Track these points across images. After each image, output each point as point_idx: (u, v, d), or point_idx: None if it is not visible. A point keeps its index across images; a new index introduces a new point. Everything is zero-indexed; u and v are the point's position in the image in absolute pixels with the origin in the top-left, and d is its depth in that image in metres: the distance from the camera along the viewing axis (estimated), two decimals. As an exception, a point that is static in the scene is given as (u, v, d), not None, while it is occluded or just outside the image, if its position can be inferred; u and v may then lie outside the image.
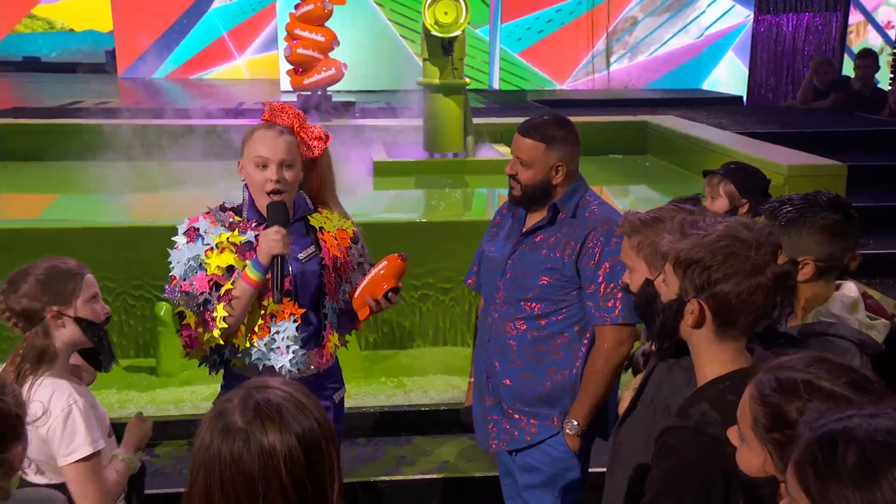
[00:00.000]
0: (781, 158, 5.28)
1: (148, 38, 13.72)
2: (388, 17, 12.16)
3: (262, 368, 2.48)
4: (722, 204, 3.11)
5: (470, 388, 3.03)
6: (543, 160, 2.64)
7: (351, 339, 4.42)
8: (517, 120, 2.86)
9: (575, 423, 2.66)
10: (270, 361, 2.48)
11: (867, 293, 2.34)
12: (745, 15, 12.39)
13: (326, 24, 7.88)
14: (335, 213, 2.70)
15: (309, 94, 8.06)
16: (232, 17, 13.90)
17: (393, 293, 2.53)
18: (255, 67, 13.90)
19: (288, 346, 2.47)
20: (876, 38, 9.98)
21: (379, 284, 2.52)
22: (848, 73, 9.18)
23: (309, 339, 2.56)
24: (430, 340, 4.75)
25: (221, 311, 2.38)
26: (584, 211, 2.67)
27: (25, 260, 2.31)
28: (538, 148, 2.64)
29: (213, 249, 2.44)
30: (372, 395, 4.24)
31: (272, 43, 12.94)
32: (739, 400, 1.49)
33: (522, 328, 2.71)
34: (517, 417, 2.76)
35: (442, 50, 6.12)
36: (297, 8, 7.88)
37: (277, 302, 2.44)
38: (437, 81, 6.22)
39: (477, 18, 11.48)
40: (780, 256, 1.74)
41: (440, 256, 4.57)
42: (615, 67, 12.88)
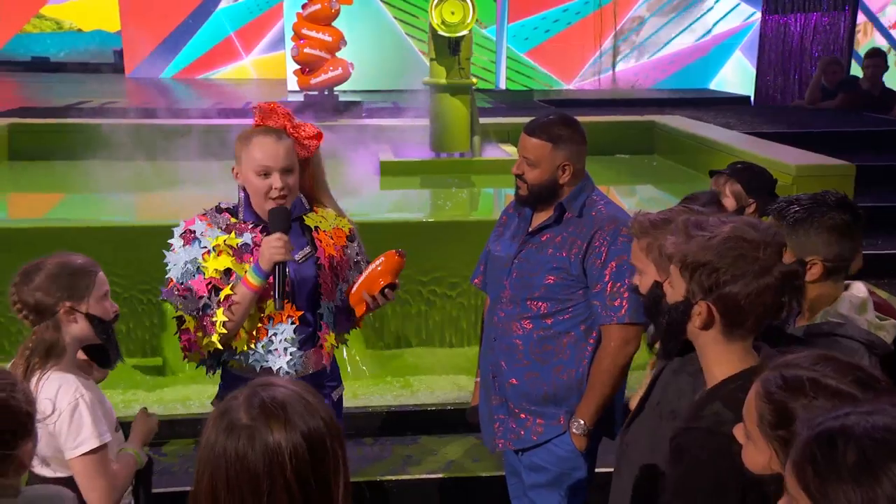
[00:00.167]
0: (789, 158, 5.26)
1: (155, 38, 13.75)
2: (394, 16, 12.17)
3: (259, 370, 2.47)
4: (729, 204, 3.11)
5: (476, 387, 3.03)
6: (550, 160, 2.63)
7: (356, 338, 4.50)
8: (524, 120, 2.85)
9: (581, 422, 2.66)
10: (268, 363, 2.47)
11: (876, 293, 2.33)
12: (750, 13, 12.34)
13: (333, 23, 7.89)
14: (330, 210, 2.68)
15: (316, 93, 8.07)
16: (239, 16, 13.92)
17: (390, 289, 2.50)
18: (262, 67, 13.92)
19: (286, 347, 2.46)
20: (881, 38, 9.92)
21: (376, 281, 2.50)
22: (854, 73, 9.14)
23: (306, 339, 2.55)
24: (436, 340, 4.74)
25: (221, 315, 2.38)
26: (590, 210, 2.67)
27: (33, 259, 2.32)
28: (545, 147, 2.63)
29: (210, 252, 2.42)
30: (378, 394, 4.24)
31: (279, 43, 12.94)
32: None
33: (528, 327, 2.71)
34: (523, 417, 2.75)
35: (449, 50, 6.12)
36: (304, 8, 7.89)
37: (279, 308, 2.43)
38: (443, 81, 6.22)
39: (483, 18, 11.47)
40: (785, 255, 1.73)
41: (446, 256, 4.56)
42: (622, 67, 12.86)
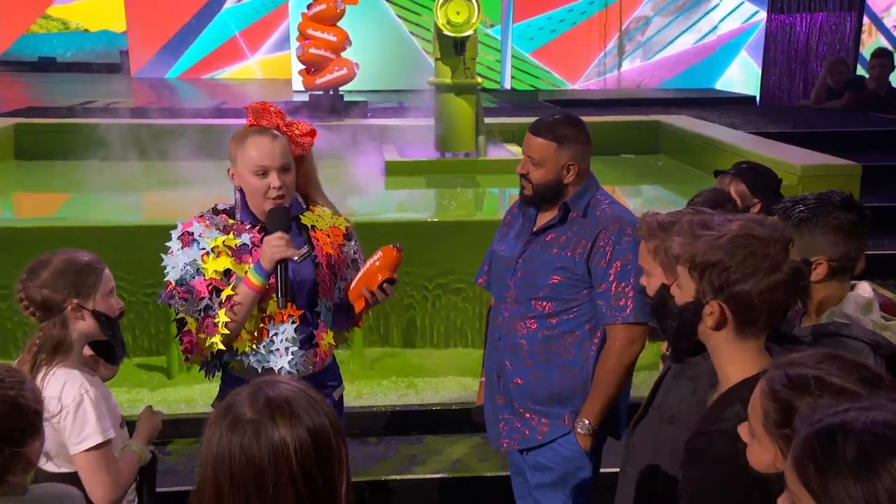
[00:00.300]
0: (795, 158, 5.25)
1: (160, 38, 13.78)
2: (400, 16, 12.17)
3: (261, 371, 2.47)
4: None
5: (481, 387, 3.03)
6: (555, 159, 2.63)
7: (361, 339, 4.50)
8: (529, 120, 2.85)
9: (586, 422, 2.66)
10: (270, 364, 2.47)
11: (882, 293, 2.32)
12: (754, 12, 12.29)
13: (338, 23, 7.88)
14: (326, 209, 2.68)
15: (321, 93, 8.07)
16: (244, 17, 13.94)
17: (388, 284, 2.50)
18: (267, 67, 13.94)
19: (287, 347, 2.47)
20: (884, 40, 9.90)
21: (374, 276, 2.49)
22: (860, 72, 9.11)
23: (306, 339, 2.55)
24: (441, 340, 4.74)
25: (223, 316, 2.38)
26: (594, 210, 2.66)
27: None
28: (549, 147, 2.63)
29: (209, 254, 2.42)
30: (383, 394, 4.24)
31: (284, 43, 12.95)
32: None
33: (533, 327, 2.70)
34: (528, 416, 2.75)
35: (454, 49, 6.12)
36: (309, 8, 7.88)
37: (282, 307, 2.43)
38: (448, 81, 6.22)
39: (489, 17, 11.47)
40: (791, 251, 1.72)
41: (451, 256, 4.56)
42: (627, 67, 12.84)
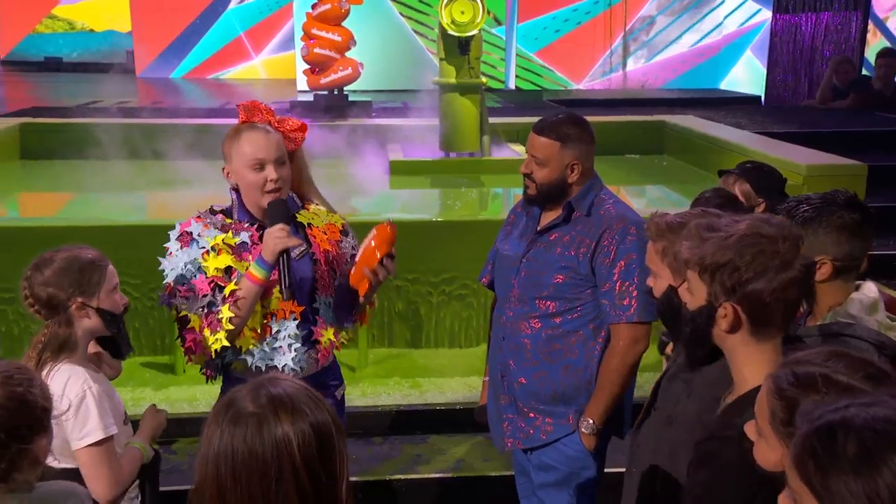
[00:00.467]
0: (800, 158, 5.24)
1: (165, 38, 13.81)
2: (404, 16, 12.17)
3: (264, 369, 2.47)
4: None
5: (484, 386, 3.03)
6: (558, 159, 2.63)
7: (365, 338, 4.50)
8: (533, 119, 2.84)
9: (590, 421, 2.65)
10: (273, 361, 2.47)
11: (887, 293, 2.32)
12: (757, 10, 12.26)
13: (343, 23, 7.89)
14: (321, 207, 2.68)
15: (325, 93, 8.08)
16: (249, 17, 13.96)
17: (388, 259, 2.48)
18: (271, 67, 13.96)
19: (290, 344, 2.47)
20: (886, 41, 9.87)
21: (373, 254, 2.48)
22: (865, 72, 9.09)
23: (307, 336, 2.55)
24: (445, 340, 4.74)
25: (227, 312, 2.38)
26: (598, 209, 2.66)
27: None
28: (553, 146, 2.63)
29: (209, 252, 2.43)
30: (387, 394, 4.24)
31: (289, 43, 12.96)
32: None
33: (537, 326, 2.70)
34: (532, 416, 2.75)
35: (458, 49, 6.12)
36: (314, 8, 7.89)
37: (287, 299, 2.44)
38: (453, 81, 6.22)
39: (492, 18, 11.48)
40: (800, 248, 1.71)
41: (455, 256, 4.56)
42: (632, 67, 12.83)
